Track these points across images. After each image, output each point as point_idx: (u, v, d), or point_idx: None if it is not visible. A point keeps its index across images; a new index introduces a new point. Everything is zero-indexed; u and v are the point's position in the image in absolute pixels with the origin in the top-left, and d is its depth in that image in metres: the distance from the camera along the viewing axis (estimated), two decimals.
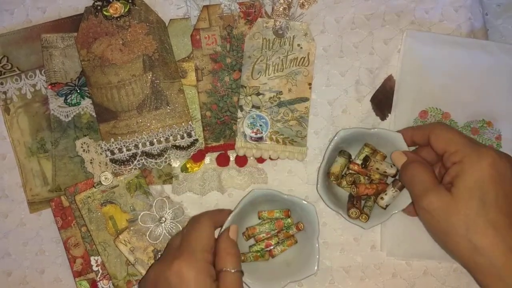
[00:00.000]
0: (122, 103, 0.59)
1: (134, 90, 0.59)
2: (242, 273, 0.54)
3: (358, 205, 0.60)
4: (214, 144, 0.61)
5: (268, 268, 0.60)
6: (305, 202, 0.58)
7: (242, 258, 0.59)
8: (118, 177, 0.60)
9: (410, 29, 0.64)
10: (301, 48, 0.61)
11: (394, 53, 0.64)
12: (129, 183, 0.60)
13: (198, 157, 0.61)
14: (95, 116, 0.60)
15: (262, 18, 0.61)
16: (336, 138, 0.59)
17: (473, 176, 0.52)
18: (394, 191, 0.59)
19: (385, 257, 0.63)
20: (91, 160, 0.60)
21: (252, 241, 0.61)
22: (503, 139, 0.63)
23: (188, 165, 0.61)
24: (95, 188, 0.60)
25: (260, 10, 0.61)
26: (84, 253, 0.61)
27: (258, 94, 0.60)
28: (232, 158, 0.62)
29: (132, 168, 0.60)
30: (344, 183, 0.61)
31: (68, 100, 0.61)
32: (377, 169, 0.59)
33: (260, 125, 0.60)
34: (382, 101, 0.64)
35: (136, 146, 0.59)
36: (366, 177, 0.61)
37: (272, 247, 0.60)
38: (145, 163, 0.60)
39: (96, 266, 0.61)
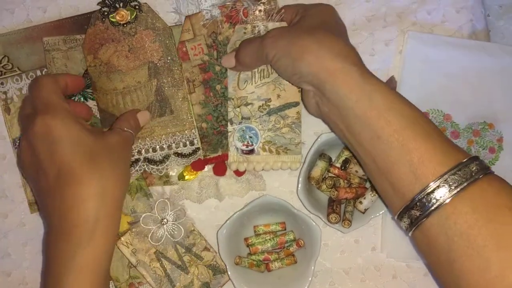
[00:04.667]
0: (127, 109, 0.59)
1: (139, 96, 0.59)
2: (133, 136, 0.56)
3: (338, 210, 0.59)
4: (212, 155, 0.60)
5: (257, 275, 0.60)
6: (314, 224, 0.58)
7: (238, 260, 0.58)
8: None
9: (411, 30, 0.63)
10: None
11: (395, 54, 0.64)
12: (130, 186, 0.60)
13: (198, 166, 0.61)
14: (99, 118, 0.60)
15: (240, 25, 0.59)
16: (317, 142, 0.58)
17: (314, 10, 0.55)
18: (373, 195, 0.59)
19: (386, 258, 0.63)
20: None
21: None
22: (505, 141, 0.63)
23: (185, 174, 0.61)
24: None
25: (243, 12, 0.58)
26: None
27: (246, 104, 0.59)
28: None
29: (133, 173, 0.60)
30: (324, 186, 0.60)
31: None
32: (356, 171, 0.59)
33: (250, 137, 0.58)
34: None
35: (139, 152, 0.59)
36: (346, 181, 0.60)
37: (269, 262, 0.60)
38: (146, 169, 0.60)
39: None
